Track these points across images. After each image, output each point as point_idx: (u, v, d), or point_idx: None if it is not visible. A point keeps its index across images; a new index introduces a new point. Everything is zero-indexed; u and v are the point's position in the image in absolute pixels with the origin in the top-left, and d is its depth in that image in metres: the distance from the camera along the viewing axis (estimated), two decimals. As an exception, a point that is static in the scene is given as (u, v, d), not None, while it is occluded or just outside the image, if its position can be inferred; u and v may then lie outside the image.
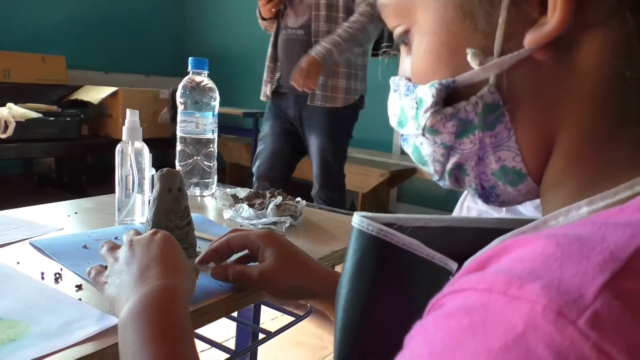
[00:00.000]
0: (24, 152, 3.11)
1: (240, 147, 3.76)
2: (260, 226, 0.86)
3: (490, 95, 0.31)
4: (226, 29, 4.64)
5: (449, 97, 0.32)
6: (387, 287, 0.35)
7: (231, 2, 4.59)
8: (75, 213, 0.89)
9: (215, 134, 1.08)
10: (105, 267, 0.55)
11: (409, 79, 0.35)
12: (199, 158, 1.06)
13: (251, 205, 0.88)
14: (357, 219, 0.36)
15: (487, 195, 0.35)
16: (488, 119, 0.31)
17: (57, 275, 0.61)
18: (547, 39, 0.28)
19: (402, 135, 0.38)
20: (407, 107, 0.35)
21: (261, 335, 0.91)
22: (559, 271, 0.21)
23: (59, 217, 0.85)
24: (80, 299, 0.56)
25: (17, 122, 2.87)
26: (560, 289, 0.20)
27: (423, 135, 0.34)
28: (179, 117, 1.06)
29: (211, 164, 1.08)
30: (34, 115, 3.03)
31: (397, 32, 0.35)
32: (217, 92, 1.07)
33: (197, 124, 1.05)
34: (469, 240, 0.29)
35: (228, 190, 0.99)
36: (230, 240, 0.62)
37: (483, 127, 0.32)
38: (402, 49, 0.37)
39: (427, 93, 0.33)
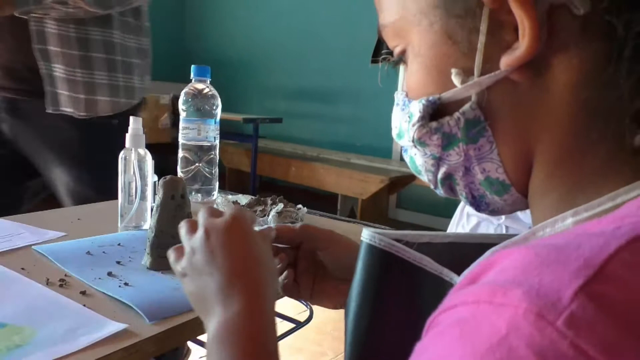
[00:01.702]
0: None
1: (241, 153, 3.77)
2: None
3: (472, 112, 0.34)
4: (226, 34, 4.66)
5: (437, 112, 0.35)
6: (397, 301, 0.37)
7: (231, 8, 4.61)
8: (78, 219, 0.90)
9: (217, 141, 1.09)
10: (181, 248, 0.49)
11: (406, 94, 0.38)
12: (200, 165, 1.07)
13: (253, 212, 0.89)
14: (368, 235, 0.37)
15: (477, 204, 0.38)
16: (470, 132, 0.34)
17: (62, 281, 0.62)
18: (519, 62, 0.31)
19: (402, 146, 0.41)
20: (403, 120, 0.38)
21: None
22: (538, 278, 0.23)
23: (62, 223, 0.86)
24: (84, 305, 0.56)
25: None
26: (539, 293, 0.22)
27: (415, 147, 0.37)
28: (181, 124, 1.07)
29: (213, 171, 1.09)
30: (35, 120, 3.03)
31: (395, 51, 0.39)
32: (219, 99, 1.08)
33: (199, 131, 1.06)
34: (472, 255, 0.31)
35: (230, 196, 1.00)
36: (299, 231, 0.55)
37: (466, 140, 0.34)
38: (403, 66, 0.39)
39: (416, 108, 0.36)
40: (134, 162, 0.83)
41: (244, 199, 0.97)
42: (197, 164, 1.07)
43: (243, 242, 0.46)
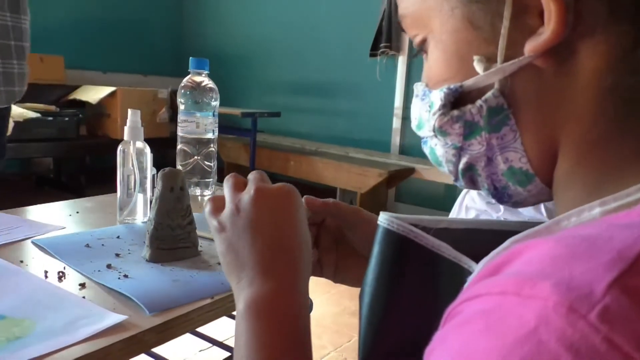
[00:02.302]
0: (22, 152, 3.11)
1: (239, 147, 3.76)
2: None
3: (495, 99, 0.33)
4: (224, 29, 4.64)
5: (458, 101, 0.34)
6: (413, 287, 0.36)
7: (229, 3, 4.59)
8: (77, 212, 0.89)
9: (216, 134, 1.09)
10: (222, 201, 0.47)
11: (427, 84, 0.38)
12: (199, 158, 1.07)
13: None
14: (386, 219, 0.36)
15: (500, 195, 0.37)
16: (493, 121, 0.33)
17: (61, 274, 0.62)
18: (545, 47, 0.30)
19: (422, 138, 0.40)
20: (423, 111, 0.37)
21: (262, 334, 0.91)
22: (568, 270, 0.22)
23: (60, 217, 0.86)
24: (84, 297, 0.56)
25: (15, 122, 2.85)
26: (570, 286, 0.21)
27: (435, 136, 0.36)
28: (180, 117, 1.07)
29: (211, 164, 1.09)
30: (32, 115, 3.03)
31: (415, 41, 0.38)
32: (217, 92, 1.08)
33: (198, 124, 1.05)
34: (491, 242, 0.30)
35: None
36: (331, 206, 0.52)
37: (489, 129, 0.34)
38: (423, 55, 0.39)
39: (437, 96, 0.35)
40: (133, 154, 0.82)
41: (243, 192, 0.97)
42: (195, 157, 1.07)
43: (292, 215, 0.44)
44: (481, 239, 0.36)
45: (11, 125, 1.48)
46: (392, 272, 0.36)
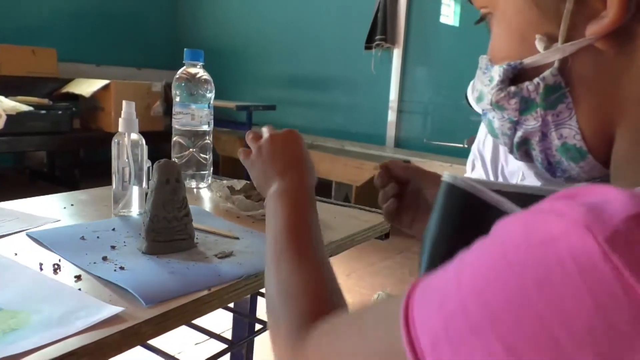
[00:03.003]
0: (15, 145, 3.09)
1: (234, 140, 3.75)
2: (259, 217, 0.86)
3: (553, 78, 0.34)
4: (219, 22, 4.61)
5: (517, 77, 0.36)
6: (472, 236, 0.37)
7: (224, -5, 4.56)
8: (72, 205, 0.89)
9: (211, 126, 1.08)
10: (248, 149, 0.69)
11: (490, 59, 0.39)
12: (194, 150, 1.06)
13: (248, 197, 0.88)
14: (450, 175, 0.39)
15: (554, 170, 0.39)
16: (550, 98, 0.35)
17: (56, 266, 0.61)
18: (606, 30, 0.31)
19: (482, 110, 0.42)
20: (484, 85, 0.39)
21: (258, 326, 0.91)
22: (605, 202, 0.24)
23: (55, 209, 0.85)
24: (80, 289, 0.56)
25: (8, 116, 2.83)
26: (597, 211, 0.23)
27: (493, 110, 0.38)
28: (175, 109, 1.06)
29: (207, 156, 1.08)
30: (25, 108, 3.00)
31: (482, 11, 0.39)
32: (212, 84, 1.07)
33: (193, 115, 1.05)
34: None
35: (225, 181, 0.99)
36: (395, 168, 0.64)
37: (545, 105, 0.35)
38: (489, 27, 0.40)
39: (497, 72, 0.37)
40: (128, 146, 0.82)
41: (238, 184, 0.96)
42: (191, 150, 1.06)
43: (296, 146, 0.65)
44: (532, 203, 0.37)
45: (3, 119, 1.48)
46: (454, 225, 0.38)
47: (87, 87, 3.47)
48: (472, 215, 0.37)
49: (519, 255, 0.24)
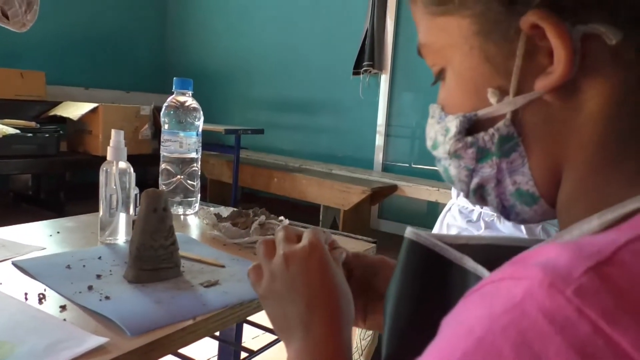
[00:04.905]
0: (0, 168, 3.06)
1: (222, 164, 3.76)
2: (245, 245, 0.87)
3: (506, 128, 0.36)
4: (207, 46, 4.66)
5: (472, 127, 0.38)
6: (435, 295, 0.39)
7: (212, 19, 4.62)
8: (57, 233, 0.89)
9: (199, 154, 1.09)
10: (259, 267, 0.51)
11: (443, 108, 0.41)
12: (182, 177, 1.07)
13: (235, 224, 0.89)
14: (412, 232, 0.40)
15: (508, 213, 0.40)
16: (504, 147, 0.37)
17: (41, 296, 0.61)
18: (553, 85, 0.33)
19: (436, 156, 0.43)
20: (439, 134, 0.41)
21: (243, 354, 0.91)
22: (555, 260, 0.26)
23: (41, 237, 0.85)
24: (65, 320, 0.56)
25: (-6, 138, 2.82)
26: (555, 269, 0.25)
27: (449, 158, 0.40)
28: (163, 137, 1.07)
29: (194, 183, 1.09)
30: (12, 131, 2.99)
31: (434, 69, 0.41)
32: (201, 112, 1.09)
33: (181, 143, 1.06)
34: (506, 257, 0.33)
35: (212, 209, 1.00)
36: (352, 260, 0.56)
37: (499, 154, 0.37)
38: (440, 82, 0.42)
39: (453, 123, 0.39)
40: (116, 175, 0.82)
41: (225, 211, 0.97)
42: (179, 177, 1.07)
43: (322, 270, 0.47)
44: (498, 255, 0.39)
45: None
46: (415, 282, 0.39)
47: (75, 110, 3.47)
48: (435, 273, 0.39)
49: (486, 327, 0.25)
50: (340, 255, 0.53)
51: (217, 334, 1.02)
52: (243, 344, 1.05)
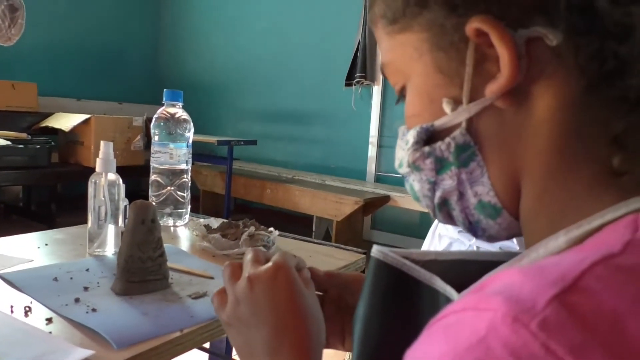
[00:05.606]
0: (-9, 180, 3.04)
1: (215, 175, 3.75)
2: (235, 257, 0.87)
3: (462, 137, 0.36)
4: (200, 57, 4.68)
5: (431, 139, 0.38)
6: (403, 316, 0.38)
7: (205, 31, 4.64)
8: (46, 245, 0.88)
9: (189, 165, 1.09)
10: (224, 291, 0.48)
11: (406, 126, 0.41)
12: (172, 188, 1.07)
13: (224, 236, 0.89)
14: (378, 251, 0.39)
15: (474, 229, 0.40)
16: (461, 157, 0.36)
17: (27, 309, 0.61)
18: (502, 89, 0.33)
19: (402, 175, 0.42)
20: (401, 149, 0.41)
21: (233, 366, 0.90)
22: (518, 288, 0.25)
23: (29, 249, 0.85)
24: (50, 332, 0.56)
25: (-15, 150, 2.81)
26: (517, 300, 0.24)
27: (412, 172, 0.39)
28: (153, 148, 1.07)
29: (185, 195, 1.09)
30: (3, 142, 2.98)
31: (396, 87, 0.41)
32: (191, 123, 1.09)
33: (171, 154, 1.06)
34: (476, 273, 0.32)
35: (201, 220, 1.00)
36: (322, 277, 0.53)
37: (458, 164, 0.37)
38: (404, 99, 0.42)
39: (411, 135, 0.39)
40: (104, 187, 0.82)
41: (215, 223, 0.97)
42: (169, 188, 1.07)
43: (288, 293, 0.45)
44: (467, 269, 0.38)
45: None
46: (384, 303, 0.38)
47: (67, 121, 3.46)
48: (404, 293, 0.38)
49: None
50: (308, 274, 0.49)
51: (207, 345, 1.01)
52: (234, 357, 1.05)
